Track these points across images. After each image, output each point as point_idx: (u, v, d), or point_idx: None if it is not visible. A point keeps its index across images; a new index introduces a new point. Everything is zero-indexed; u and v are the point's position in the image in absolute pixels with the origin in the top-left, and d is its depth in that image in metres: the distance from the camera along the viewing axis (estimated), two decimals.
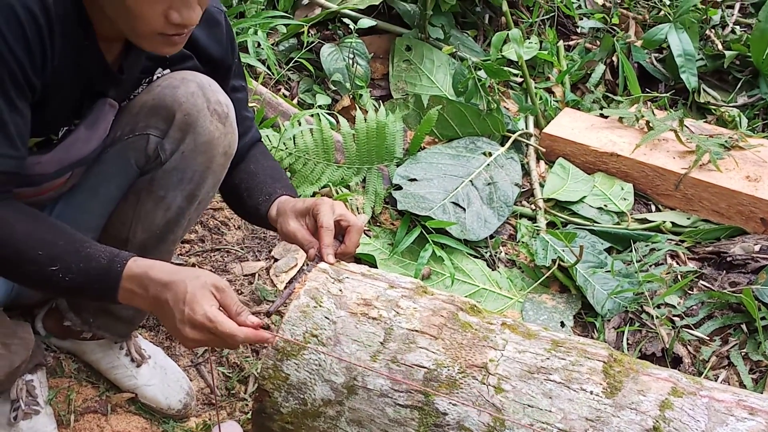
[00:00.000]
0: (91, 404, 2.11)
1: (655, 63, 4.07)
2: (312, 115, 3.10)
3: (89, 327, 2.04)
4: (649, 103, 3.70)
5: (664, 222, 3.10)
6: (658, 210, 3.24)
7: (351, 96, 3.45)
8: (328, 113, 3.21)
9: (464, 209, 3.00)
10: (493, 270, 2.88)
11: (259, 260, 2.66)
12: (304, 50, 3.48)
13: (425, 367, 1.45)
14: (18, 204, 1.48)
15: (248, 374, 2.29)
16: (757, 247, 2.84)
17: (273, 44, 3.52)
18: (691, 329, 2.60)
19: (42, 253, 1.43)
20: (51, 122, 1.58)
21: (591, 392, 1.39)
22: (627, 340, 2.60)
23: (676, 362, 2.51)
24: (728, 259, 2.81)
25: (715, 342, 2.56)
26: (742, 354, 2.50)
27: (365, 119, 3.10)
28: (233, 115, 1.75)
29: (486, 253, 2.96)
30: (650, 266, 2.86)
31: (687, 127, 3.39)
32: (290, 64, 3.46)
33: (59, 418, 2.04)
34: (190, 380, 2.21)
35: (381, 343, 1.47)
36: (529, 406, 1.39)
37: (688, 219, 3.16)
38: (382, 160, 3.11)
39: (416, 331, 1.48)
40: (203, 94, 1.68)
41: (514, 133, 3.41)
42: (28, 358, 1.87)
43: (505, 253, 2.99)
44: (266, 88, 3.26)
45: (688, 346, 2.55)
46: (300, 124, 3.00)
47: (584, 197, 3.20)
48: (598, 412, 1.37)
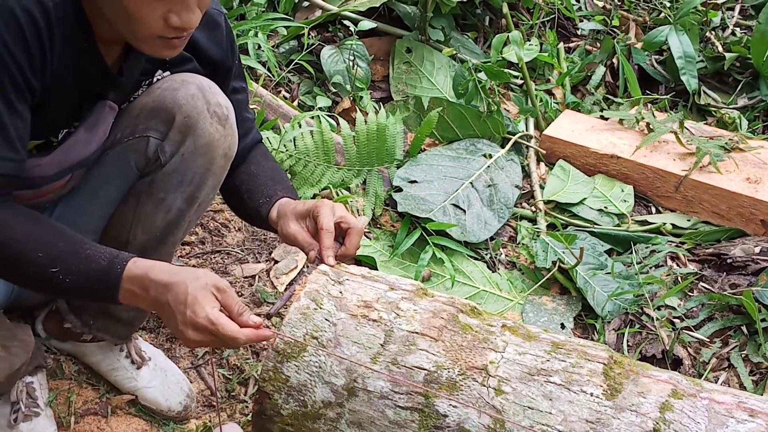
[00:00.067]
0: (92, 406, 2.11)
1: (656, 65, 4.07)
2: (312, 117, 3.10)
3: (89, 329, 2.04)
4: (649, 105, 3.70)
5: (665, 224, 3.10)
6: (658, 212, 3.24)
7: (351, 98, 3.45)
8: (328, 115, 3.21)
9: (464, 211, 3.00)
10: (493, 272, 2.88)
11: (259, 262, 2.66)
12: (304, 52, 3.48)
13: (425, 369, 1.44)
14: (18, 206, 1.48)
15: (248, 376, 2.29)
16: (757, 249, 2.84)
17: (273, 46, 3.52)
18: (692, 331, 2.60)
19: (42, 254, 1.43)
20: (51, 125, 1.58)
21: (591, 394, 1.39)
22: (627, 341, 2.60)
23: (677, 364, 2.51)
24: (728, 260, 2.81)
25: (716, 344, 2.56)
26: (743, 356, 2.50)
27: (365, 121, 3.10)
28: (233, 117, 1.75)
29: (486, 254, 2.96)
30: (650, 268, 2.86)
31: (687, 129, 3.39)
32: (290, 66, 3.46)
33: (59, 420, 2.04)
34: (191, 382, 2.21)
35: (381, 345, 1.47)
36: (529, 408, 1.39)
37: (689, 221, 3.15)
38: (383, 162, 3.11)
39: (416, 333, 1.48)
40: (203, 96, 1.68)
41: (514, 135, 3.41)
42: (28, 360, 1.87)
43: (506, 255, 2.98)
44: (266, 90, 3.26)
45: (689, 348, 2.55)
46: (300, 126, 3.00)
47: (584, 199, 3.20)
48: (599, 414, 1.37)
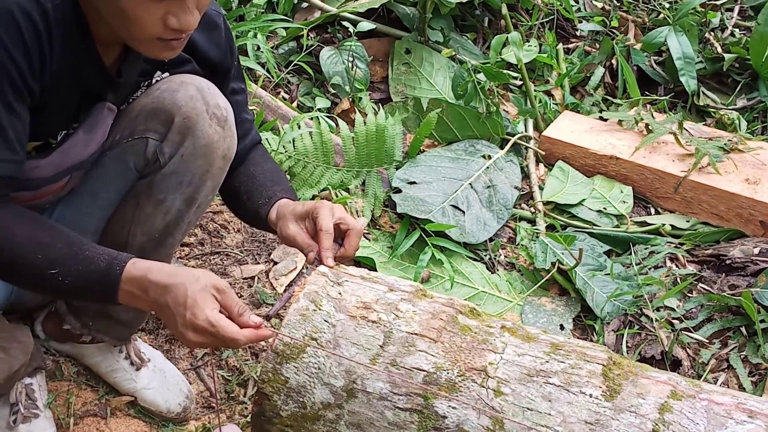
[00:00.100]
0: (91, 408, 2.11)
1: (655, 66, 4.07)
2: (311, 118, 3.11)
3: (88, 330, 2.04)
4: (648, 106, 3.70)
5: (664, 225, 3.10)
6: (657, 213, 3.24)
7: (350, 99, 3.45)
8: (327, 116, 3.21)
9: (464, 212, 3.00)
10: (492, 273, 2.88)
11: (258, 263, 2.66)
12: (303, 53, 3.48)
13: (424, 371, 1.44)
14: (16, 207, 1.48)
15: (248, 377, 2.29)
16: (756, 250, 2.84)
17: (272, 47, 3.52)
18: (691, 332, 2.60)
19: (41, 256, 1.43)
20: (49, 126, 1.57)
21: (590, 395, 1.39)
22: (626, 342, 2.60)
23: (676, 365, 2.51)
24: (727, 261, 2.81)
25: (715, 345, 2.56)
26: (742, 357, 2.50)
27: (365, 122, 3.10)
28: (232, 118, 1.75)
29: (485, 256, 2.96)
30: (649, 269, 2.86)
31: (686, 130, 3.39)
32: (290, 67, 3.46)
33: (58, 422, 2.04)
34: (190, 383, 2.21)
35: (380, 346, 1.47)
36: (528, 409, 1.39)
37: (688, 222, 3.15)
38: (382, 163, 3.11)
39: (415, 334, 1.48)
40: (202, 98, 1.68)
41: (513, 136, 3.41)
42: (27, 362, 1.87)
43: (505, 256, 2.98)
44: (266, 91, 3.26)
45: (688, 349, 2.55)
46: (299, 128, 3.00)
47: (583, 200, 3.20)
48: (598, 415, 1.37)
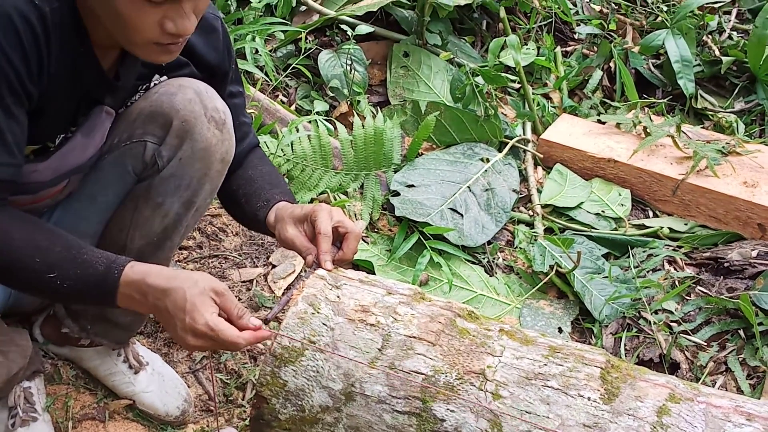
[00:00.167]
0: (89, 411, 2.11)
1: (653, 69, 4.07)
2: (310, 122, 3.11)
3: (87, 334, 2.04)
4: (646, 109, 3.71)
5: (662, 228, 3.10)
6: (655, 216, 3.24)
7: (349, 102, 3.45)
8: (325, 119, 3.21)
9: (462, 215, 3.00)
10: (490, 276, 2.88)
11: (257, 267, 2.66)
12: (301, 56, 3.48)
13: (423, 374, 1.45)
14: (14, 211, 1.48)
15: (246, 381, 2.29)
16: (754, 253, 2.84)
17: (271, 50, 3.52)
18: (689, 335, 2.60)
19: (39, 260, 1.43)
20: (48, 130, 1.58)
21: (588, 398, 1.39)
22: (624, 345, 2.60)
23: (674, 368, 2.51)
24: (725, 264, 2.81)
25: (713, 348, 2.56)
26: (740, 359, 2.50)
27: (363, 125, 3.10)
28: (230, 121, 1.75)
29: (484, 259, 2.96)
30: (648, 272, 2.86)
31: (684, 133, 3.39)
32: (288, 71, 3.46)
33: (57, 425, 2.04)
34: (188, 387, 2.21)
35: (379, 349, 1.47)
36: (526, 412, 1.39)
37: (686, 225, 3.16)
38: (380, 166, 3.11)
39: (414, 337, 1.48)
40: (200, 101, 1.68)
41: (511, 139, 3.41)
42: (25, 365, 1.87)
43: (503, 259, 2.99)
44: (264, 94, 3.26)
45: (686, 352, 2.55)
46: (298, 131, 3.00)
47: (582, 203, 3.20)
48: (596, 419, 1.37)
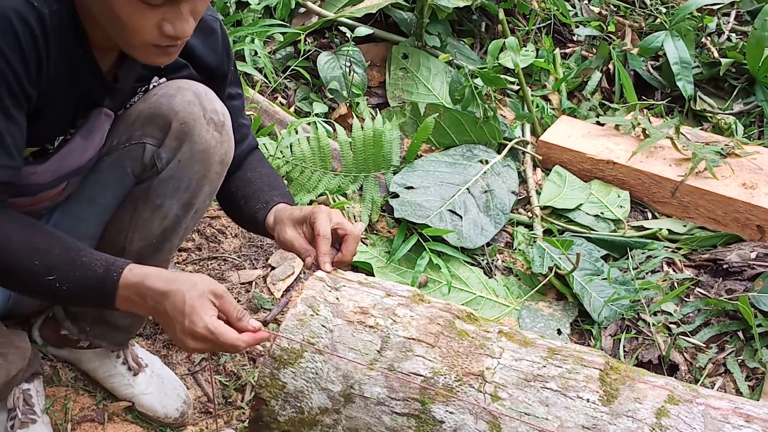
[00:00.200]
0: (88, 413, 2.11)
1: (652, 71, 4.08)
2: (309, 123, 3.11)
3: (86, 336, 2.04)
4: (645, 111, 3.71)
5: (661, 229, 3.10)
6: (654, 217, 3.24)
7: (348, 104, 3.45)
8: (324, 121, 3.21)
9: (461, 217, 3.00)
10: (489, 278, 2.88)
11: (256, 268, 2.66)
12: (301, 58, 3.48)
13: (422, 375, 1.45)
14: (13, 213, 1.48)
15: (245, 382, 2.29)
16: (753, 255, 2.84)
17: (270, 52, 3.52)
18: (688, 336, 2.60)
19: (38, 262, 1.43)
20: (46, 132, 1.58)
21: (587, 400, 1.39)
22: (623, 347, 2.60)
23: (673, 370, 2.51)
24: (724, 266, 2.81)
25: (712, 349, 2.56)
26: (739, 361, 2.50)
27: (362, 127, 3.10)
28: (229, 123, 1.75)
29: (483, 260, 2.96)
30: (647, 274, 2.86)
31: (683, 135, 3.39)
32: (287, 73, 3.46)
33: (56, 427, 2.04)
34: (188, 388, 2.21)
35: (378, 351, 1.47)
36: (525, 414, 1.39)
37: (685, 226, 3.16)
38: (379, 168, 3.11)
39: (413, 339, 1.48)
40: (199, 103, 1.69)
41: (510, 140, 3.42)
42: (24, 367, 1.87)
43: (502, 261, 2.99)
44: (263, 96, 3.26)
45: (685, 354, 2.55)
46: (297, 133, 3.00)
47: (581, 205, 3.21)
48: (595, 420, 1.37)
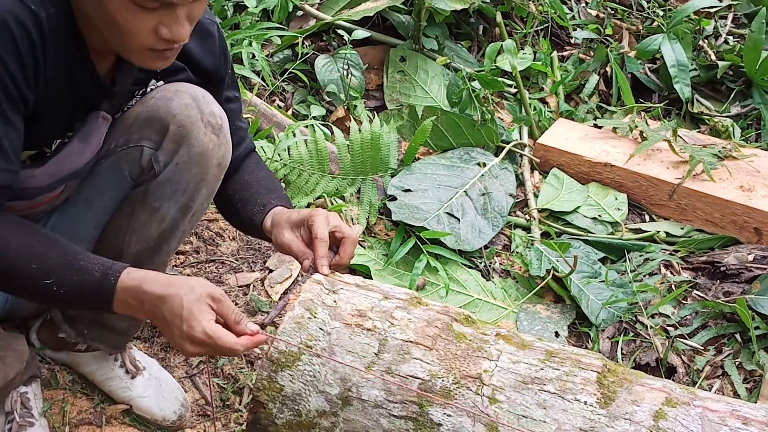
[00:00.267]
0: (86, 416, 2.11)
1: (649, 73, 4.08)
2: (306, 126, 3.11)
3: (84, 338, 2.04)
4: (642, 114, 3.71)
5: (658, 232, 3.10)
6: (652, 220, 3.24)
7: (345, 107, 3.45)
8: (322, 124, 3.22)
9: (459, 220, 3.00)
10: (487, 280, 2.88)
11: (253, 271, 2.66)
12: (298, 61, 3.48)
13: (420, 378, 1.44)
14: (11, 216, 1.48)
15: (243, 385, 2.29)
16: (750, 257, 2.84)
17: (267, 55, 3.52)
18: (685, 339, 2.60)
19: (35, 266, 1.43)
20: (44, 135, 1.58)
21: (585, 402, 1.39)
22: (621, 350, 2.60)
23: (671, 372, 2.51)
24: (722, 268, 2.81)
25: (709, 351, 2.56)
26: (736, 363, 2.50)
27: (360, 130, 3.11)
28: (227, 126, 1.75)
29: (480, 263, 2.96)
30: (644, 276, 2.86)
31: (680, 137, 3.40)
32: (285, 76, 3.46)
33: (54, 430, 2.03)
34: (185, 391, 2.21)
35: (375, 353, 1.47)
36: (523, 416, 1.39)
37: (682, 229, 3.16)
38: (377, 170, 3.12)
39: (411, 341, 1.48)
40: (197, 106, 1.69)
41: (508, 143, 3.42)
42: (22, 370, 1.87)
43: (500, 264, 2.99)
44: (261, 99, 3.26)
45: (683, 356, 2.55)
46: (294, 135, 3.01)
47: (578, 207, 3.21)
48: (593, 423, 1.37)
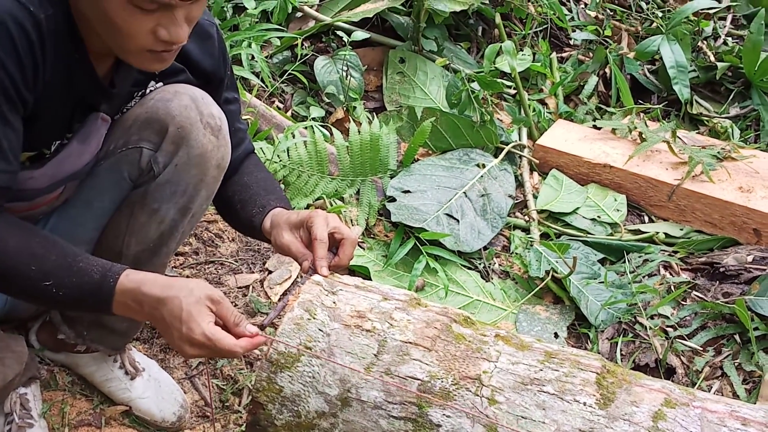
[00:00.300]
0: (85, 417, 2.11)
1: (648, 74, 4.09)
2: (306, 128, 3.11)
3: (83, 340, 2.04)
4: (641, 115, 3.71)
5: (657, 233, 3.10)
6: (651, 221, 3.25)
7: (345, 108, 3.46)
8: (321, 125, 3.22)
9: (458, 221, 3.00)
10: (486, 281, 2.89)
11: (253, 272, 2.66)
12: (297, 63, 3.48)
13: (419, 379, 1.44)
14: (10, 218, 1.48)
15: (242, 386, 2.29)
16: (749, 258, 2.84)
17: (267, 57, 3.52)
18: (685, 340, 2.60)
19: (35, 268, 1.43)
20: (43, 136, 1.58)
21: (584, 403, 1.39)
22: (620, 350, 2.60)
23: (670, 373, 2.51)
24: (721, 269, 2.81)
25: (709, 352, 2.56)
26: (736, 364, 2.50)
27: (359, 131, 3.11)
28: (226, 127, 1.75)
29: (480, 264, 2.96)
30: (643, 277, 2.86)
31: (680, 138, 3.40)
32: (284, 77, 3.46)
33: (53, 431, 2.04)
34: (185, 392, 2.21)
35: (375, 355, 1.47)
36: (522, 417, 1.39)
37: (681, 230, 3.16)
38: (376, 172, 3.12)
39: (410, 343, 1.48)
40: (196, 107, 1.69)
41: (507, 144, 3.42)
42: (21, 372, 1.87)
43: (499, 265, 2.99)
44: (260, 100, 3.26)
45: (682, 357, 2.55)
46: (294, 137, 3.01)
47: (577, 208, 3.21)
48: (592, 424, 1.37)
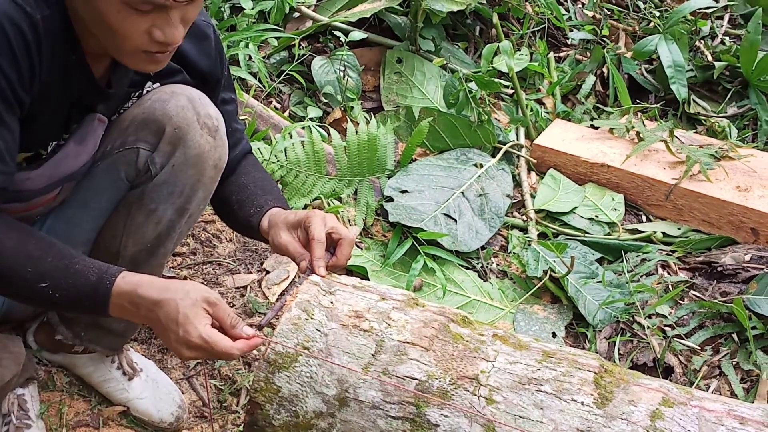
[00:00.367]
0: (83, 418, 2.11)
1: (645, 74, 4.09)
2: (303, 128, 3.11)
3: (81, 340, 2.04)
4: (639, 114, 3.71)
5: (655, 232, 3.11)
6: (648, 220, 3.25)
7: (342, 108, 3.45)
8: (319, 126, 3.21)
9: (456, 221, 3.00)
10: (484, 281, 2.89)
11: (250, 273, 2.66)
12: (295, 63, 3.48)
13: (417, 379, 1.44)
14: (7, 219, 1.48)
15: (240, 387, 2.29)
16: (747, 257, 2.85)
17: (264, 57, 3.52)
18: (683, 339, 2.60)
19: (31, 269, 1.43)
20: (40, 137, 1.58)
21: (582, 403, 1.39)
22: (618, 350, 2.60)
23: (668, 372, 2.51)
24: (719, 268, 2.82)
25: (707, 351, 2.56)
26: (733, 363, 2.50)
27: (356, 131, 3.11)
28: (223, 128, 1.75)
29: (477, 264, 2.96)
30: (641, 276, 2.86)
31: (677, 138, 3.40)
32: (281, 77, 3.46)
33: None
34: (182, 393, 2.20)
35: (372, 355, 1.47)
36: (520, 417, 1.39)
37: (679, 229, 3.16)
38: (374, 172, 3.12)
39: (407, 342, 1.48)
40: (193, 108, 1.69)
41: (505, 144, 3.42)
42: (19, 372, 1.87)
43: (497, 264, 2.99)
44: (257, 100, 3.26)
45: (680, 356, 2.55)
46: (291, 137, 3.00)
47: (575, 208, 3.21)
48: (590, 423, 1.37)
